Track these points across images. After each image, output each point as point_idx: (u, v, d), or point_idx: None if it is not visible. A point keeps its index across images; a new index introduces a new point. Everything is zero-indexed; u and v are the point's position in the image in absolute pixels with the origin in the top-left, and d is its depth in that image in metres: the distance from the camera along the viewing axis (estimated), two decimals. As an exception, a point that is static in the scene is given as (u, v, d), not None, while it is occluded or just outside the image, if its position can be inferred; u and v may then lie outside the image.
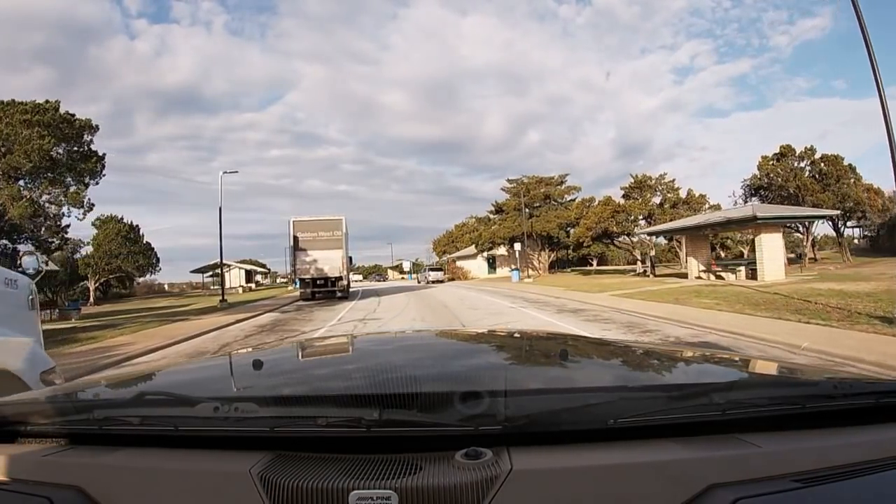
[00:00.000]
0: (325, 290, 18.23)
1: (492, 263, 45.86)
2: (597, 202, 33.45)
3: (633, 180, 30.45)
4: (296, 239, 19.11)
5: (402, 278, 69.07)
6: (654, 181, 30.15)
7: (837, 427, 0.87)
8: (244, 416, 0.94)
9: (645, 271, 26.49)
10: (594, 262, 54.12)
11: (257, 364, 1.39)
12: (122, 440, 0.93)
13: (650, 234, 22.81)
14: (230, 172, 20.59)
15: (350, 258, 26.30)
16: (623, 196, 30.49)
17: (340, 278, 17.92)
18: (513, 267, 44.69)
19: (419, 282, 42.47)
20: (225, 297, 17.50)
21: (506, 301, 12.90)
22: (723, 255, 25.67)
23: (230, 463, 0.84)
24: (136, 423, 0.94)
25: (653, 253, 26.18)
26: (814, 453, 0.83)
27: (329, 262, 18.79)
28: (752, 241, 16.36)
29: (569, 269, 44.81)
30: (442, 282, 41.36)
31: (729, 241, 30.70)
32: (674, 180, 29.15)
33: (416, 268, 69.36)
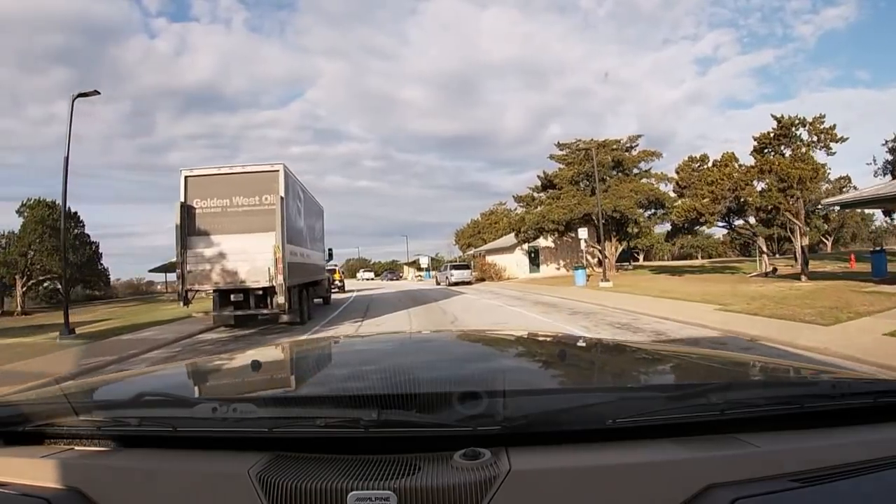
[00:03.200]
0: (248, 314, 11.11)
1: (534, 258, 37.69)
2: (711, 162, 23.38)
3: (776, 125, 20.73)
4: (189, 211, 10.90)
5: (419, 277, 63.69)
6: (807, 127, 20.30)
7: (836, 427, 0.86)
8: (243, 416, 0.93)
9: (774, 269, 20.41)
10: (640, 257, 47.00)
11: (256, 365, 1.37)
12: (120, 441, 0.93)
13: (849, 205, 17.24)
14: (87, 94, 12.26)
15: (329, 252, 19.27)
16: (755, 150, 21.41)
17: (272, 291, 10.51)
18: (562, 264, 37.46)
19: (438, 282, 35.94)
20: (72, 328, 11.39)
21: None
22: (802, 243, 19.77)
23: (228, 464, 0.83)
24: (135, 424, 0.94)
25: (806, 241, 19.55)
26: (812, 453, 0.79)
27: (249, 257, 10.77)
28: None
29: (629, 265, 38.72)
30: (469, 283, 32.87)
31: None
32: (834, 126, 20.32)
33: (436, 264, 62.58)
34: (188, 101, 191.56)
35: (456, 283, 30.51)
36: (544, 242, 34.34)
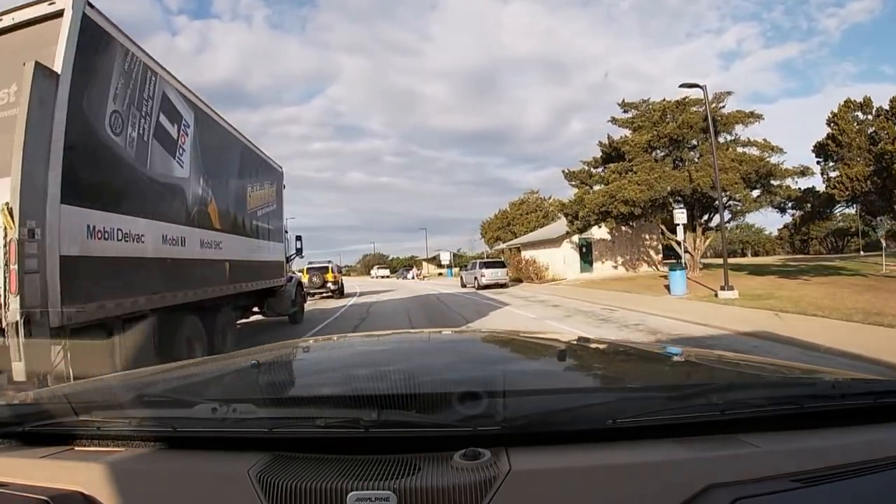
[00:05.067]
0: None
1: (586, 254, 29.59)
2: (874, 111, 17.22)
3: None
4: None
5: (440, 274, 60.77)
6: None
7: (836, 427, 0.88)
8: (242, 417, 0.95)
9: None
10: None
11: (256, 365, 1.33)
12: (120, 441, 0.96)
13: None
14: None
15: (297, 245, 13.70)
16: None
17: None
18: (619, 261, 28.74)
19: (464, 284, 29.69)
20: None
21: None
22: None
23: (228, 464, 0.84)
24: (135, 424, 0.96)
25: None
26: (812, 453, 0.80)
27: None
28: None
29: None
30: (503, 286, 25.93)
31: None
32: None
33: (459, 261, 59.62)
34: (210, 97, 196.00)
35: (488, 286, 23.75)
36: (598, 233, 29.44)
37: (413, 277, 59.22)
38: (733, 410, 0.86)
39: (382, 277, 66.97)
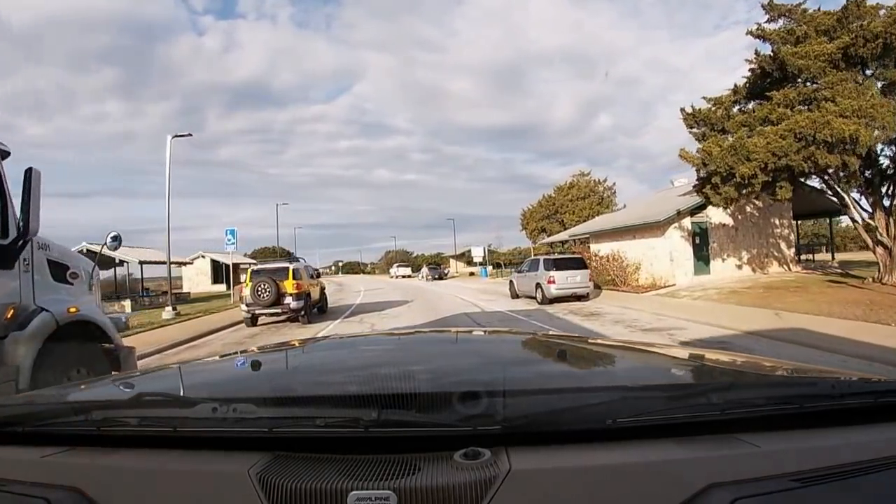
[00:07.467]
0: None
1: (700, 247, 21.00)
2: None
3: None
4: None
5: (472, 274, 55.12)
6: None
7: (836, 427, 0.90)
8: (242, 416, 0.96)
9: None
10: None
11: (256, 364, 1.41)
12: (120, 441, 0.98)
13: None
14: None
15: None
16: None
17: None
18: (745, 257, 21.05)
19: (517, 293, 19.96)
20: None
21: None
22: None
23: (228, 464, 0.86)
24: (135, 424, 0.98)
25: None
26: (812, 453, 0.82)
27: None
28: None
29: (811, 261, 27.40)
30: (582, 297, 17.11)
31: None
32: None
33: (492, 258, 55.98)
34: (237, 96, 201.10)
35: (559, 299, 17.39)
36: (716, 216, 20.90)
37: (422, 277, 49.47)
38: (733, 410, 0.86)
39: (403, 277, 58.36)
